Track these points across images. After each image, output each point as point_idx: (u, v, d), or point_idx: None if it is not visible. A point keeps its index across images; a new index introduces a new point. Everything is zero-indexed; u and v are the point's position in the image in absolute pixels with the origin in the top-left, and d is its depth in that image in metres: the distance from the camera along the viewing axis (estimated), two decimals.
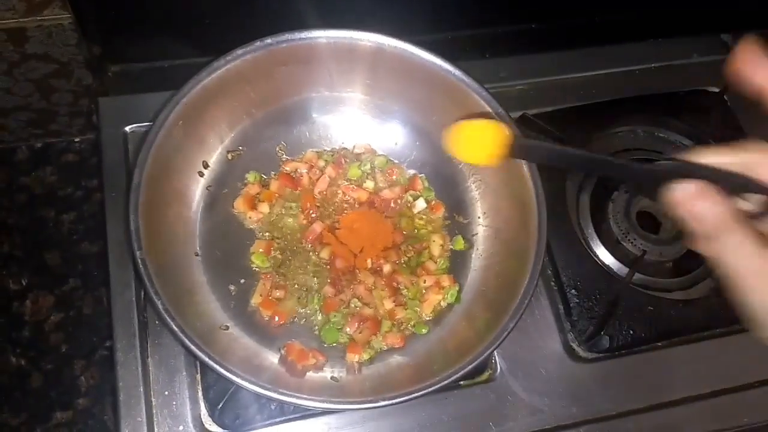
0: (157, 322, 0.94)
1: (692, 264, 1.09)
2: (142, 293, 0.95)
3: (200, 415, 0.91)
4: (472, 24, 1.23)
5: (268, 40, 0.90)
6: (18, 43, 1.09)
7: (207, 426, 0.90)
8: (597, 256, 1.07)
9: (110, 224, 0.99)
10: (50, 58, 1.14)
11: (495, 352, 0.95)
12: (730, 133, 1.18)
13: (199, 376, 0.92)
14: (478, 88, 0.93)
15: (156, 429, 0.89)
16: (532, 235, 0.88)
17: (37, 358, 1.20)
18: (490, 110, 0.92)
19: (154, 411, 0.90)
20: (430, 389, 0.79)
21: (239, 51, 0.90)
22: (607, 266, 1.06)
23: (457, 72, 0.93)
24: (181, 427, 0.90)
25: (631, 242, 1.07)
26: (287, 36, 0.91)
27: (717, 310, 1.03)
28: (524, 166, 0.91)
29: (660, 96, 1.20)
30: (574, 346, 1.01)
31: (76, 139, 1.36)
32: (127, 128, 1.06)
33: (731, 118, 1.20)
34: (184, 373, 0.92)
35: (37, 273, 1.25)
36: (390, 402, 0.78)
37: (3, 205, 1.29)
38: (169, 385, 0.92)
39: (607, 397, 0.98)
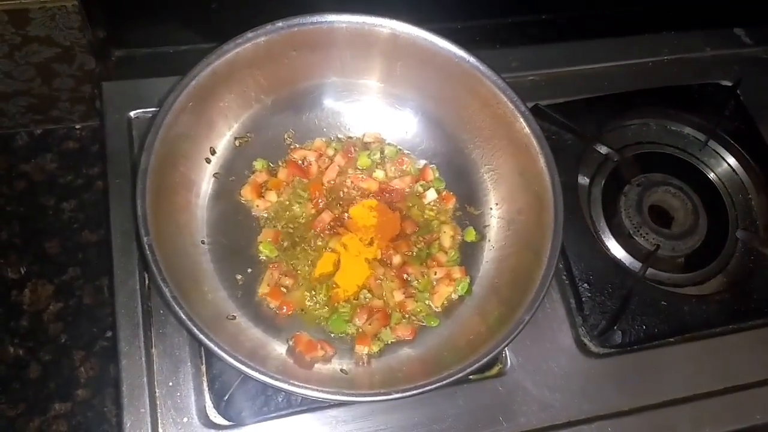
0: (161, 311, 0.92)
1: (704, 259, 1.08)
2: (147, 281, 0.93)
3: (205, 406, 0.88)
4: (483, 13, 1.22)
5: (279, 24, 0.89)
6: (20, 25, 1.06)
7: (212, 418, 0.88)
8: (609, 250, 1.05)
9: (114, 211, 0.97)
10: (52, 42, 1.11)
11: None
12: (743, 127, 1.17)
13: (204, 367, 0.90)
14: (494, 76, 0.91)
15: (159, 421, 0.87)
16: (548, 228, 0.87)
17: (35, 348, 1.17)
18: (505, 99, 0.91)
19: (158, 402, 0.88)
20: (443, 382, 0.78)
21: (250, 34, 0.88)
22: (620, 260, 1.05)
23: (472, 59, 0.91)
24: (185, 419, 0.87)
25: (644, 236, 1.05)
26: (299, 20, 0.89)
27: (731, 306, 1.02)
28: (540, 157, 0.89)
29: (673, 89, 1.19)
30: (586, 341, 0.99)
31: (77, 126, 1.33)
32: (132, 113, 1.04)
33: (744, 112, 1.18)
34: (189, 364, 0.90)
35: (36, 262, 1.23)
36: (402, 395, 0.77)
37: (2, 192, 1.26)
38: (173, 375, 0.89)
39: (620, 393, 0.96)
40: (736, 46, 1.28)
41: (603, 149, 1.10)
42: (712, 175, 1.15)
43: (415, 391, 0.77)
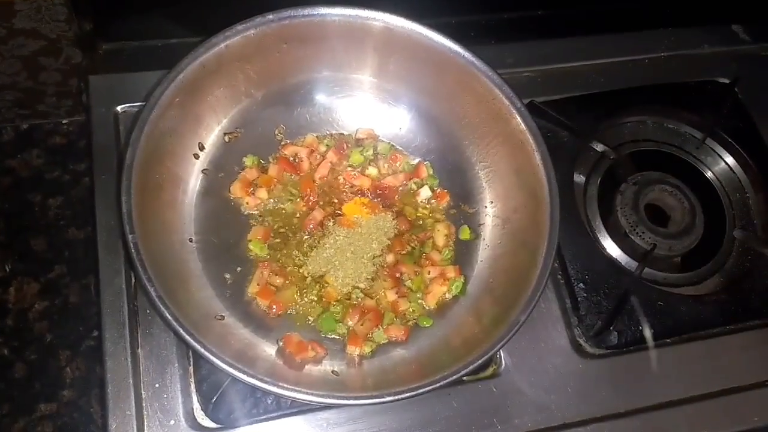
0: (148, 311, 0.90)
1: (701, 259, 1.07)
2: (133, 280, 0.91)
3: (192, 409, 0.86)
4: (479, 9, 1.20)
5: (270, 16, 0.87)
6: (5, 17, 1.04)
7: (199, 420, 0.86)
8: (605, 249, 1.04)
9: (99, 208, 0.95)
10: (38, 35, 1.09)
11: None
12: (741, 125, 1.16)
13: (191, 369, 0.88)
14: (489, 71, 0.89)
15: (146, 423, 0.85)
16: (543, 227, 0.85)
17: (20, 347, 1.15)
18: (501, 95, 0.89)
19: (144, 404, 0.86)
20: (437, 384, 0.76)
21: (239, 27, 0.86)
22: (615, 260, 1.03)
23: (467, 54, 0.90)
24: (172, 422, 0.85)
25: (640, 236, 1.04)
26: (290, 12, 0.87)
27: (727, 307, 1.01)
28: (536, 154, 0.88)
29: (670, 86, 1.18)
30: (581, 341, 0.98)
31: (64, 121, 1.31)
32: (119, 108, 1.02)
33: (742, 110, 1.17)
34: (176, 365, 0.88)
35: (21, 259, 1.21)
36: (395, 397, 0.75)
37: None
38: (159, 377, 0.87)
39: (615, 394, 0.94)
40: (734, 43, 1.27)
41: (599, 147, 1.09)
42: (709, 174, 1.14)
43: (408, 394, 0.75)
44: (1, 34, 1.07)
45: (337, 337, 0.89)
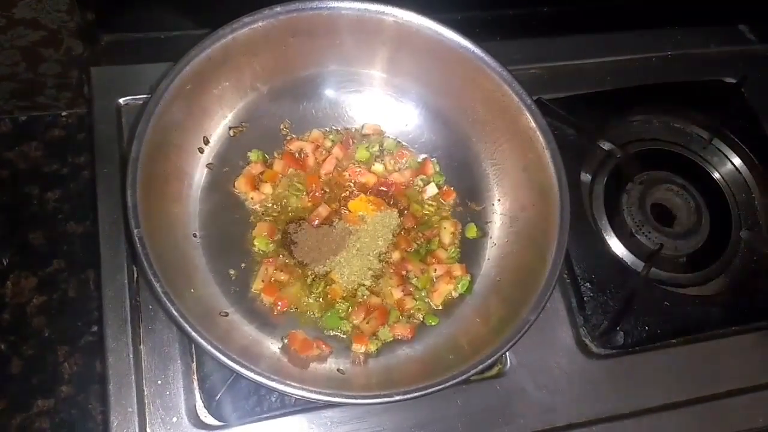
0: (150, 307, 0.88)
1: (707, 259, 1.06)
2: (135, 275, 0.90)
3: (195, 406, 0.85)
4: (484, 5, 1.19)
5: (277, 9, 0.86)
6: (5, 6, 1.03)
7: (202, 418, 0.85)
8: (611, 249, 1.03)
9: (101, 201, 0.93)
10: (39, 25, 1.08)
11: None
12: (747, 125, 1.15)
13: (194, 365, 0.87)
14: (499, 68, 0.88)
15: (148, 420, 0.84)
16: (553, 225, 0.84)
17: (17, 342, 1.14)
18: (510, 91, 0.88)
19: (146, 401, 0.84)
20: (446, 384, 0.75)
21: (246, 19, 0.85)
22: (621, 259, 1.03)
23: (477, 50, 0.89)
24: (174, 419, 0.84)
25: (646, 235, 1.03)
26: (298, 5, 0.86)
27: (733, 307, 1.00)
28: (546, 152, 0.87)
29: (676, 85, 1.17)
30: (587, 341, 0.97)
31: (63, 113, 1.30)
32: (121, 100, 1.00)
33: (748, 110, 1.16)
34: (179, 362, 0.87)
35: (19, 253, 1.19)
36: (404, 397, 0.74)
37: None
38: (162, 374, 0.86)
39: (621, 394, 0.94)
40: (741, 43, 1.26)
41: (606, 145, 1.08)
42: (715, 174, 1.13)
43: (416, 394, 0.74)
44: (1, 23, 1.06)
45: (342, 335, 0.88)
